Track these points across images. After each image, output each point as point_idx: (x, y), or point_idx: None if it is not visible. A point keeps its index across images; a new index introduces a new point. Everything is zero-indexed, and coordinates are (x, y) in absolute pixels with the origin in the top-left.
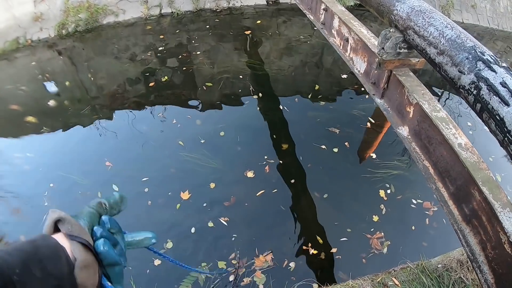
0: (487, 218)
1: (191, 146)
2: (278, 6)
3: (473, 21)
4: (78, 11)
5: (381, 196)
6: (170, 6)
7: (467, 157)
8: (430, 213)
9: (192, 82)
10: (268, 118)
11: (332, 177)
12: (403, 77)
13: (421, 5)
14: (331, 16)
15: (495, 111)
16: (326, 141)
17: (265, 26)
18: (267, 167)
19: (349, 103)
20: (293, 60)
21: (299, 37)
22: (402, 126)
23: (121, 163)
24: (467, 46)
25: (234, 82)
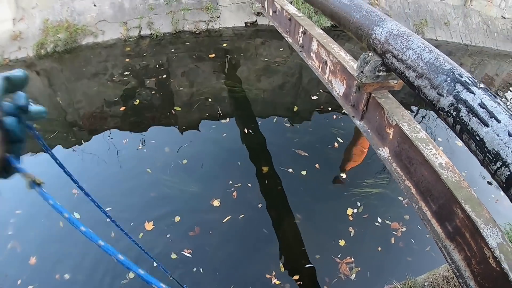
0: (471, 234)
1: (159, 174)
2: (257, 27)
3: (446, 38)
4: (57, 31)
5: (348, 214)
6: (149, 28)
7: (448, 176)
8: (398, 234)
9: (170, 104)
10: (245, 141)
11: (309, 199)
12: (382, 99)
13: (399, 29)
14: (309, 39)
15: (475, 132)
16: (302, 162)
17: (244, 48)
18: (234, 193)
19: (328, 122)
20: (272, 81)
21: (277, 58)
22: (382, 147)
23: (89, 190)
24: (445, 68)
25: (213, 104)
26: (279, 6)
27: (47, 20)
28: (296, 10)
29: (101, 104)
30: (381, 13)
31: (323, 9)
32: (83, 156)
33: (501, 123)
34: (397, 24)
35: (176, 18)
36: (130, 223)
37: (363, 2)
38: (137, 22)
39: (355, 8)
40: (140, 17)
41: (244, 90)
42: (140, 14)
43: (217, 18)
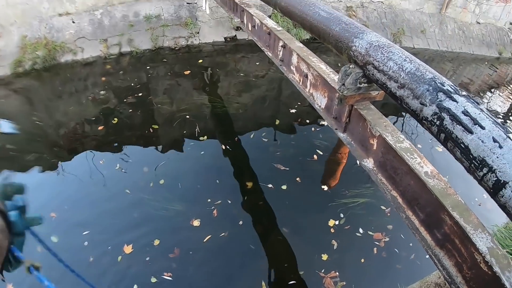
0: (460, 240)
1: (138, 194)
2: (236, 42)
3: (423, 46)
4: (36, 48)
5: (330, 226)
6: (129, 45)
7: (435, 185)
8: (381, 244)
9: (149, 122)
10: (224, 158)
11: (291, 213)
12: (365, 111)
13: (379, 40)
14: (289, 53)
15: (460, 139)
16: (282, 176)
17: (224, 63)
18: (215, 211)
19: (307, 134)
20: (252, 95)
21: (257, 72)
22: (366, 158)
23: (66, 213)
24: (426, 78)
25: (192, 121)
26: (258, 21)
27: (25, 37)
28: (275, 24)
29: (80, 123)
30: (360, 25)
31: (302, 22)
32: (61, 177)
33: (485, 130)
34: (377, 35)
35: (155, 35)
36: (108, 247)
37: (342, 15)
38: (117, 39)
39: (334, 20)
40: (120, 34)
41: (225, 105)
42: (120, 31)
43: (197, 34)
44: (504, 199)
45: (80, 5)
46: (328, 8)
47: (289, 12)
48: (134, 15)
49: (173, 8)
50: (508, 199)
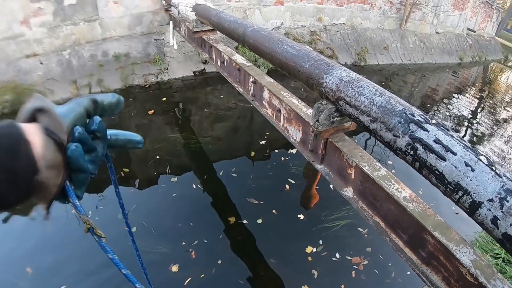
0: (445, 257)
1: (112, 245)
2: (205, 75)
3: (387, 61)
4: (4, 92)
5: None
6: (99, 85)
7: (414, 208)
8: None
9: (122, 165)
10: (196, 197)
11: (269, 247)
12: (340, 143)
13: (348, 75)
14: (260, 89)
15: (434, 167)
16: (257, 210)
17: (194, 97)
18: (193, 252)
19: (286, 162)
20: (225, 127)
21: (228, 103)
22: (346, 187)
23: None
24: (397, 110)
25: (165, 160)
26: (227, 57)
27: None
28: (244, 60)
29: None
30: (329, 60)
31: (271, 60)
32: (41, 225)
33: (457, 155)
34: (346, 70)
35: (125, 73)
36: None
37: (311, 51)
38: (87, 80)
39: (303, 58)
40: (90, 74)
41: (198, 141)
42: (89, 72)
43: (166, 70)
44: (481, 218)
45: (47, 45)
46: (296, 45)
47: (258, 49)
48: (103, 54)
49: (141, 46)
50: (485, 217)
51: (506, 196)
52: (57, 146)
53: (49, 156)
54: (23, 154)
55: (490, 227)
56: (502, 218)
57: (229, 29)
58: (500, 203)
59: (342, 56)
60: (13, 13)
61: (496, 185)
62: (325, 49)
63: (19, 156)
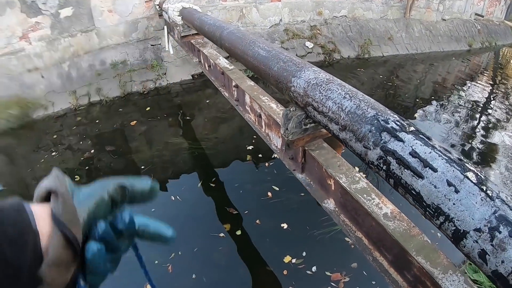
0: (431, 282)
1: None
2: (204, 78)
3: (392, 52)
4: (8, 106)
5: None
6: (98, 94)
7: (395, 227)
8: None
9: (132, 168)
10: (175, 210)
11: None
12: (317, 151)
13: (317, 77)
14: (242, 93)
15: (410, 185)
16: (236, 219)
17: (195, 100)
18: (169, 267)
19: (259, 172)
20: (228, 128)
21: (228, 105)
22: (327, 199)
23: None
24: (368, 116)
25: (171, 164)
26: (212, 61)
27: None
28: (228, 63)
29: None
30: (299, 60)
31: (245, 63)
32: None
33: (437, 172)
34: (315, 71)
35: (123, 81)
36: None
37: (282, 51)
38: (86, 90)
39: (273, 59)
40: (88, 84)
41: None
42: (88, 81)
43: (164, 75)
44: (466, 249)
45: (47, 59)
46: (268, 45)
47: (234, 54)
48: (101, 63)
49: (138, 52)
50: (471, 249)
51: (498, 225)
52: (66, 242)
53: (54, 254)
54: (31, 247)
55: (477, 262)
56: (492, 253)
57: (208, 32)
58: (490, 234)
59: (344, 50)
60: (11, 28)
61: (486, 210)
62: (326, 43)
63: (26, 249)
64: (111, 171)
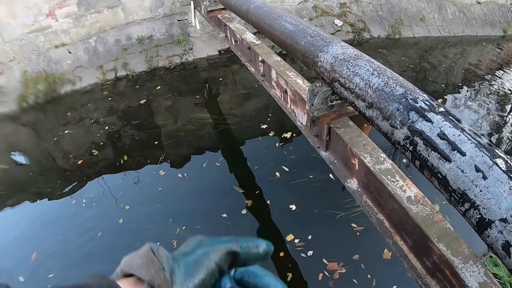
0: (451, 272)
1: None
2: (230, 54)
3: (424, 34)
4: (37, 82)
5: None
6: (124, 69)
7: (418, 212)
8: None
9: (157, 141)
10: (233, 171)
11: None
12: (342, 129)
13: (345, 52)
14: (268, 68)
15: (436, 168)
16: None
17: (221, 76)
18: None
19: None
20: (253, 105)
21: (255, 81)
22: (350, 179)
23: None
24: (396, 94)
25: (196, 138)
26: (238, 36)
27: (26, 72)
28: (254, 38)
29: (88, 150)
30: (327, 35)
31: (272, 38)
32: (73, 204)
33: (466, 156)
34: (343, 46)
35: (149, 56)
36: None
37: (309, 26)
38: (112, 65)
39: (300, 34)
40: (115, 59)
41: (225, 117)
42: (114, 56)
43: (190, 50)
44: (490, 240)
45: (74, 35)
46: (295, 20)
47: (260, 28)
48: (127, 38)
49: (164, 27)
50: (495, 240)
51: None
52: None
53: None
54: None
55: (500, 254)
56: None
57: (235, 6)
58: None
59: (374, 29)
60: (38, 6)
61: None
62: (356, 21)
63: None
64: (136, 145)
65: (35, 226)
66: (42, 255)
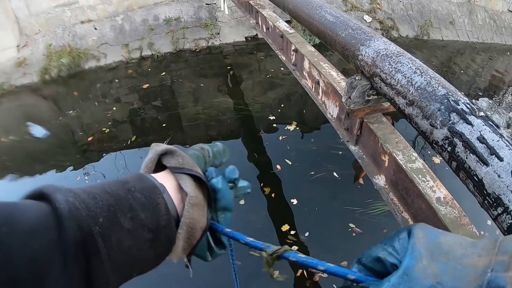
0: None
1: None
2: (257, 41)
3: (452, 37)
4: (61, 55)
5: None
6: (150, 49)
7: (446, 213)
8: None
9: (177, 122)
10: (252, 160)
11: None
12: (375, 125)
13: (387, 48)
14: (301, 58)
15: (473, 171)
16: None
17: (246, 63)
18: None
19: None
20: (276, 94)
21: (280, 71)
22: (378, 175)
23: None
24: (438, 94)
25: (217, 122)
26: (271, 23)
27: (50, 45)
28: (288, 26)
29: (108, 126)
30: (369, 29)
31: (309, 27)
32: (89, 176)
33: (503, 162)
34: (385, 42)
35: (176, 37)
36: None
37: (350, 18)
38: (138, 44)
39: (341, 26)
40: (141, 38)
41: (247, 104)
42: (140, 35)
43: (217, 35)
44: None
45: (101, 12)
46: (335, 11)
47: (297, 16)
48: (154, 18)
49: (192, 10)
50: None
51: None
52: (195, 181)
53: (193, 192)
54: (162, 207)
55: None
56: None
57: None
58: None
59: (403, 28)
60: None
61: None
62: (385, 19)
63: (159, 210)
64: (156, 123)
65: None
66: None
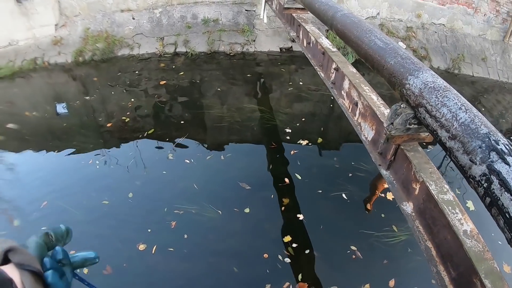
0: None
1: (188, 194)
2: (291, 53)
3: (483, 75)
4: (97, 40)
5: None
6: (185, 46)
7: (472, 246)
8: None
9: (199, 122)
10: (273, 169)
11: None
12: (411, 153)
13: (435, 81)
14: (341, 77)
15: (506, 208)
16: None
17: (277, 73)
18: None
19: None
20: (303, 108)
21: (310, 86)
22: (406, 202)
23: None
24: (481, 132)
25: (242, 128)
26: (313, 39)
27: (88, 29)
28: (330, 44)
29: (128, 116)
30: (417, 60)
31: (357, 49)
32: (107, 160)
33: None
34: (433, 75)
35: (212, 38)
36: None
37: (399, 47)
38: (174, 39)
39: (390, 52)
40: (177, 34)
41: (274, 116)
42: (177, 31)
43: (253, 42)
44: None
45: (141, 2)
46: (385, 37)
47: (345, 36)
48: (192, 17)
49: (231, 14)
50: None
51: None
52: (33, 277)
53: (31, 286)
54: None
55: None
56: None
57: (319, 10)
58: None
59: (436, 59)
60: None
61: None
62: (419, 48)
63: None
64: (177, 120)
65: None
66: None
